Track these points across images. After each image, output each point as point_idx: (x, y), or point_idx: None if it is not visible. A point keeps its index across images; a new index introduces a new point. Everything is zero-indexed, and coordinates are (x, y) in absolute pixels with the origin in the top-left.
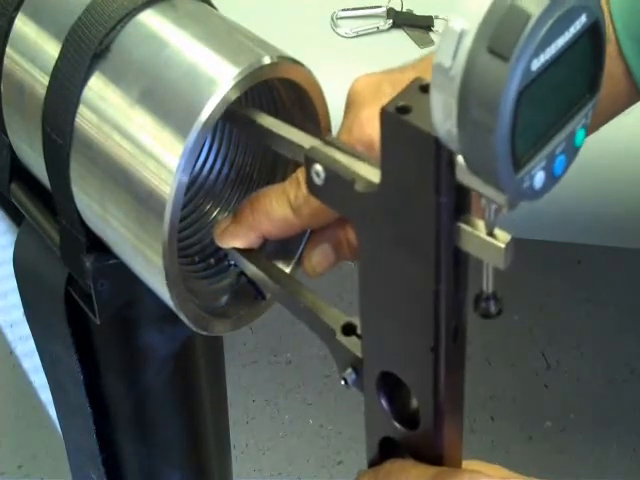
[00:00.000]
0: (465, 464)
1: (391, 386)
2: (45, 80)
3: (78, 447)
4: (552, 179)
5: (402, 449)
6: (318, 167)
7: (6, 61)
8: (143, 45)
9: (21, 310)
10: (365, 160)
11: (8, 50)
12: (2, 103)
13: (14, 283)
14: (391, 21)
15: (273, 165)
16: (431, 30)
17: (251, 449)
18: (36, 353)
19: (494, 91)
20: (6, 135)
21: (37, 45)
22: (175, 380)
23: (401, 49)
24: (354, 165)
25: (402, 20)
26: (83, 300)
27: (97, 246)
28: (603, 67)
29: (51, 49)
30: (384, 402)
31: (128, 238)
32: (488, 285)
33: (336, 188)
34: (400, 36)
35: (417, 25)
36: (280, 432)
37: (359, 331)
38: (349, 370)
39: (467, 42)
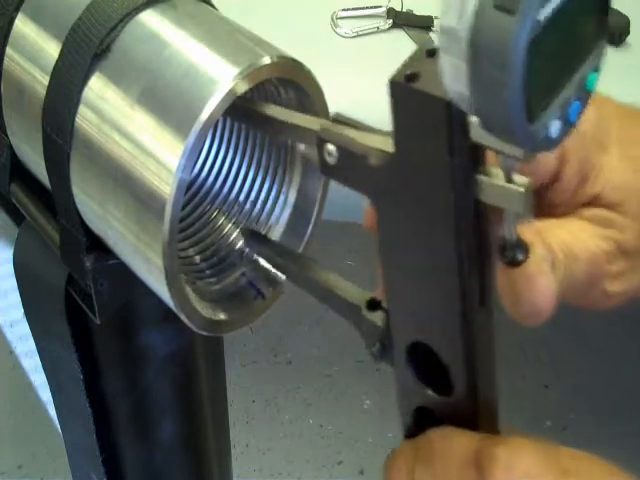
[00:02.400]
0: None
1: (421, 355)
2: (45, 80)
3: (78, 447)
4: (568, 126)
5: (436, 417)
6: (330, 147)
7: (6, 61)
8: (143, 45)
9: (21, 310)
10: (376, 132)
11: (8, 50)
12: (2, 103)
13: (14, 283)
14: (391, 21)
15: (274, 165)
16: (431, 30)
17: (251, 449)
18: (36, 353)
19: (504, 46)
20: (6, 135)
21: (37, 45)
22: (175, 380)
23: (401, 49)
24: (366, 139)
25: (402, 20)
26: (83, 300)
27: (97, 246)
28: (608, 8)
29: (51, 49)
30: (415, 372)
31: (128, 238)
32: (511, 234)
33: (350, 165)
34: (400, 36)
35: (417, 25)
36: (280, 432)
37: (384, 305)
38: (377, 345)
39: (472, 1)
